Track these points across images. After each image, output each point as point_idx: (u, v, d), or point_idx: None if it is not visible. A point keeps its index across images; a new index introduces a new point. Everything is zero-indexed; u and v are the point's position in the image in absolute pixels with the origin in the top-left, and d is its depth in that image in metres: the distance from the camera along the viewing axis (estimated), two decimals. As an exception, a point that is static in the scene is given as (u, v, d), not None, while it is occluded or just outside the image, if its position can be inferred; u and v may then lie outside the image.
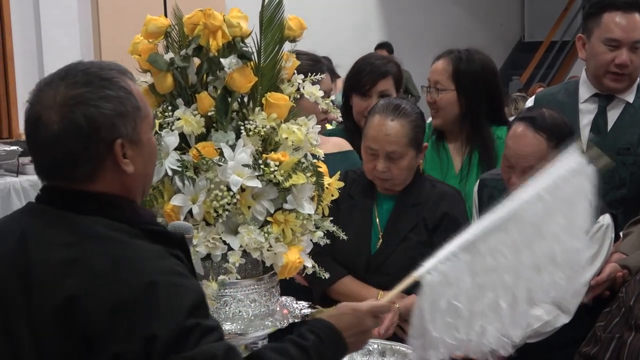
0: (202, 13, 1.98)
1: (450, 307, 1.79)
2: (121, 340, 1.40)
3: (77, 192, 1.53)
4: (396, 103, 2.57)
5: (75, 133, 1.49)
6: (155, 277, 1.43)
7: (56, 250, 1.48)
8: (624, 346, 2.29)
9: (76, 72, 1.55)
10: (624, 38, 2.74)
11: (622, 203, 2.70)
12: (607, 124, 2.84)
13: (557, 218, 1.84)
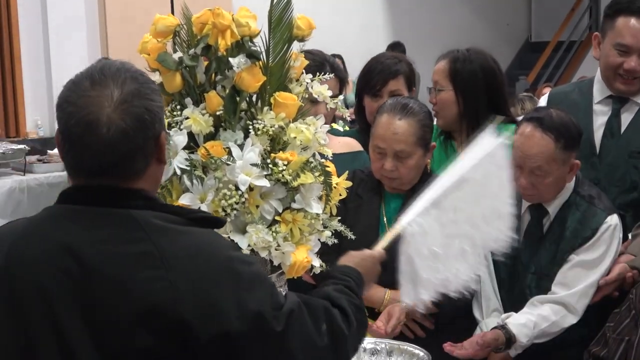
0: (211, 12, 1.98)
1: (431, 253, 2.00)
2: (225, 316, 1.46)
3: (125, 190, 1.53)
4: (404, 102, 2.57)
5: (140, 127, 1.50)
6: (229, 257, 1.54)
7: (120, 247, 1.47)
8: (632, 348, 2.29)
9: (116, 70, 1.54)
10: (634, 44, 2.71)
11: (631, 206, 2.69)
12: (621, 126, 2.82)
13: (494, 180, 2.09)
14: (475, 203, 2.09)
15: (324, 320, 1.59)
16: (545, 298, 2.47)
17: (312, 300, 1.62)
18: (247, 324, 1.46)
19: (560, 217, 2.53)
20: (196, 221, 1.57)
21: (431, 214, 2.04)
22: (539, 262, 2.54)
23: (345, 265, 1.88)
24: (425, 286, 2.02)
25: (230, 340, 1.46)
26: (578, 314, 2.45)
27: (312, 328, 1.56)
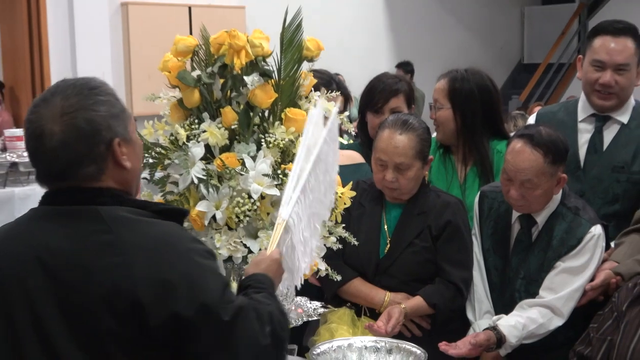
0: (227, 34, 1.99)
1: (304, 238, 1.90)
2: (176, 300, 1.47)
3: (90, 188, 1.58)
4: (404, 118, 2.58)
5: (79, 135, 1.54)
6: (186, 247, 1.55)
7: (87, 239, 1.53)
8: (614, 348, 2.29)
9: (66, 87, 1.60)
10: (608, 60, 2.73)
11: (614, 217, 2.69)
12: (603, 143, 2.82)
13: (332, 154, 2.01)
14: (321, 180, 2.00)
15: (269, 323, 1.57)
16: (534, 302, 2.47)
17: (259, 304, 1.60)
18: (196, 310, 1.47)
19: (548, 226, 2.53)
20: (161, 213, 1.60)
21: (301, 201, 1.92)
22: (528, 268, 2.54)
23: (259, 274, 1.79)
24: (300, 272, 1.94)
25: (180, 324, 1.48)
26: (564, 317, 2.45)
27: (258, 327, 1.54)
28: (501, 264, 2.60)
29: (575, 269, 2.47)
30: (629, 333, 2.28)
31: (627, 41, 2.75)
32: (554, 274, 2.49)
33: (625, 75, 2.75)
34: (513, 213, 2.58)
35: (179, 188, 1.99)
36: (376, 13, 9.98)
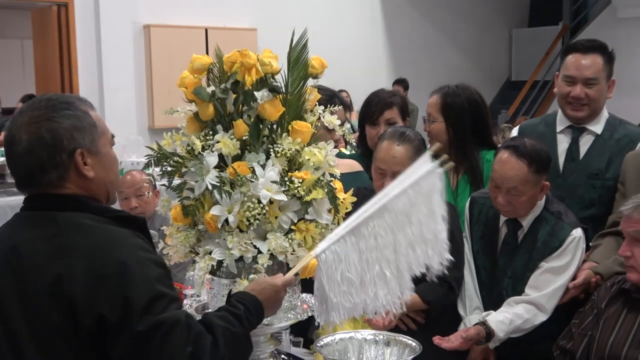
0: (239, 53, 1.99)
1: (344, 278, 1.87)
2: (103, 302, 1.46)
3: (53, 195, 1.59)
4: (402, 131, 2.58)
5: (41, 144, 1.56)
6: (125, 254, 1.51)
7: (43, 241, 1.54)
8: (593, 342, 2.28)
9: (41, 100, 1.62)
10: (577, 75, 2.75)
11: (591, 220, 2.69)
12: (580, 152, 2.83)
13: (421, 208, 1.95)
14: (399, 230, 1.93)
15: (192, 344, 1.49)
16: (520, 299, 2.47)
17: (194, 324, 1.54)
18: (117, 315, 1.46)
19: (532, 230, 2.53)
20: (116, 219, 1.60)
21: (347, 242, 1.89)
22: (515, 268, 2.54)
23: (244, 292, 1.77)
24: (336, 309, 1.89)
25: (104, 326, 1.46)
26: (548, 313, 2.44)
27: (176, 344, 1.48)
28: (490, 264, 2.60)
29: (557, 268, 2.47)
30: (608, 328, 2.27)
31: (595, 57, 2.77)
32: (539, 274, 2.48)
33: (594, 88, 2.77)
34: (500, 217, 2.58)
35: (194, 194, 1.99)
36: (376, 34, 10.00)
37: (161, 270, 1.57)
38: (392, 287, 1.94)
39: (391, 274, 1.93)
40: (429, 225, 1.96)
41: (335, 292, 1.87)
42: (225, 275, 2.00)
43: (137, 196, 3.75)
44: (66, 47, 7.51)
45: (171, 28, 7.94)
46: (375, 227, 1.91)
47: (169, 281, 1.58)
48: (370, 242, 1.90)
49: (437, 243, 1.99)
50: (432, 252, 1.97)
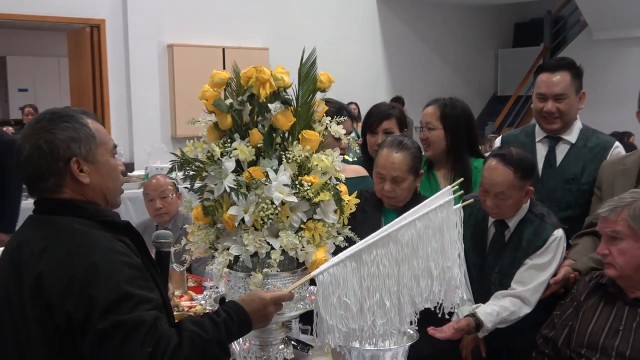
0: (255, 69, 1.99)
1: (341, 302, 1.76)
2: (70, 301, 1.43)
3: (51, 200, 1.58)
4: (400, 139, 2.58)
5: (40, 153, 1.56)
6: (98, 257, 1.48)
7: (36, 243, 1.54)
8: (573, 331, 2.27)
9: (45, 114, 1.62)
10: (547, 92, 2.76)
11: (568, 220, 2.68)
12: (557, 159, 2.83)
13: (430, 242, 1.85)
14: (403, 261, 1.82)
15: (152, 345, 1.42)
16: (506, 293, 2.46)
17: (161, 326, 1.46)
18: (82, 313, 1.42)
19: (518, 230, 2.52)
20: (101, 223, 1.58)
21: (347, 267, 1.77)
22: (502, 264, 2.53)
23: (233, 301, 1.71)
24: (332, 331, 1.77)
25: (72, 323, 1.43)
26: (532, 306, 2.43)
27: (136, 344, 1.41)
28: (479, 262, 2.59)
29: (541, 265, 2.46)
30: (586, 319, 2.26)
31: (564, 74, 2.77)
32: (523, 270, 2.47)
33: (564, 102, 2.77)
34: (489, 219, 2.57)
35: (214, 195, 1.99)
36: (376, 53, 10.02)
37: (134, 272, 1.50)
38: (391, 317, 1.82)
39: (391, 304, 1.81)
40: (437, 260, 1.86)
41: (332, 314, 1.77)
42: (241, 269, 2.00)
43: (162, 198, 3.75)
44: (98, 65, 7.54)
45: (192, 47, 7.96)
46: (379, 255, 1.81)
47: (143, 282, 1.51)
48: (372, 269, 1.80)
49: (444, 280, 1.87)
50: (440, 288, 1.86)
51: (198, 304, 2.80)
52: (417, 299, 1.85)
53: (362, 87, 9.13)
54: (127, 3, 7.53)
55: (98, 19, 7.44)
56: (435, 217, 1.86)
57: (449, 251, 1.88)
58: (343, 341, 1.80)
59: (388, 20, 10.03)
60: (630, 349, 2.12)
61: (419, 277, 1.84)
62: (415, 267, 1.84)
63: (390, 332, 1.82)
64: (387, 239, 1.82)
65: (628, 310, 2.18)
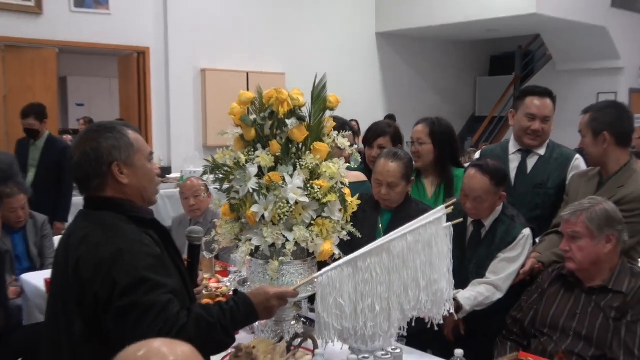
0: (275, 90, 2.00)
1: (337, 303, 1.72)
2: (97, 282, 1.43)
3: (96, 197, 1.58)
4: (395, 151, 2.58)
5: (87, 159, 1.56)
6: (123, 246, 1.46)
7: (79, 233, 1.53)
8: (538, 314, 2.26)
9: (93, 126, 1.63)
10: (538, 113, 2.75)
11: (537, 219, 2.68)
12: (527, 169, 2.82)
13: (419, 254, 1.79)
14: (394, 271, 1.75)
15: (162, 322, 1.40)
16: (482, 280, 2.45)
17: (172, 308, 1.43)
18: (106, 293, 1.42)
19: (492, 228, 2.51)
20: (132, 219, 1.56)
21: (344, 271, 1.72)
22: (478, 257, 2.52)
23: (243, 293, 1.67)
24: (327, 328, 1.71)
25: (98, 301, 1.42)
26: (503, 292, 2.42)
27: (148, 323, 1.39)
28: (459, 254, 2.56)
29: (511, 258, 2.45)
30: (549, 304, 2.25)
31: (548, 100, 2.77)
32: (497, 262, 2.47)
33: (548, 124, 2.78)
34: (468, 219, 2.56)
35: (239, 195, 1.99)
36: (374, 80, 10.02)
37: (153, 260, 1.47)
38: (379, 322, 1.75)
39: (381, 309, 1.75)
40: (425, 272, 1.79)
41: (328, 313, 1.72)
42: (261, 257, 2.00)
43: (195, 197, 3.76)
44: (143, 85, 7.56)
45: (221, 71, 7.98)
46: (373, 263, 1.75)
47: (161, 270, 1.48)
48: (366, 276, 1.74)
49: (431, 291, 1.79)
50: (427, 299, 1.78)
51: (224, 285, 2.80)
52: (406, 306, 1.79)
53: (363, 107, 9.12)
54: (168, 34, 7.55)
55: (144, 47, 7.46)
56: (425, 232, 1.81)
57: (437, 265, 1.81)
58: (338, 337, 1.75)
59: (385, 53, 10.03)
60: (585, 330, 2.11)
61: (407, 286, 1.78)
62: (404, 277, 1.77)
63: (378, 334, 1.76)
64: (381, 249, 1.77)
65: (584, 297, 2.17)
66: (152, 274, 1.44)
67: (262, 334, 2.05)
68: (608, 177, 2.52)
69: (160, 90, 7.62)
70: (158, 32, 7.52)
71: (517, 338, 2.31)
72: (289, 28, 8.68)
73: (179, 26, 7.57)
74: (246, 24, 8.23)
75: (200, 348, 1.02)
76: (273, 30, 8.50)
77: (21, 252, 3.74)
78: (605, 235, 2.13)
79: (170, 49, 7.58)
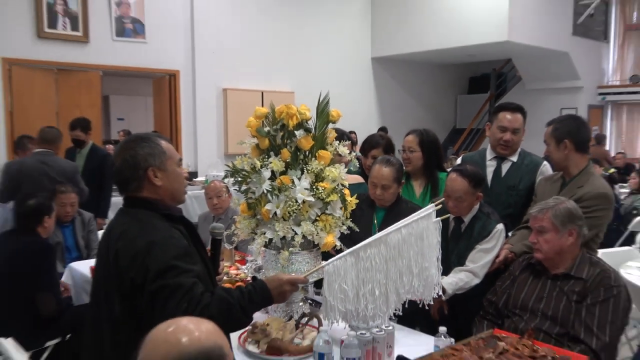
0: (285, 106, 2.00)
1: (341, 288, 1.71)
2: (133, 270, 1.42)
3: (133, 197, 1.57)
4: (388, 158, 2.57)
5: (126, 165, 1.55)
6: (156, 238, 1.45)
7: (119, 228, 1.52)
8: (510, 297, 2.25)
9: (131, 137, 1.62)
10: (509, 126, 2.73)
11: (509, 216, 2.66)
12: (502, 173, 2.80)
13: (412, 246, 1.77)
14: (390, 260, 1.73)
15: (187, 302, 1.39)
16: (462, 268, 2.43)
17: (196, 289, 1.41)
18: (141, 279, 1.41)
19: (471, 224, 2.50)
20: (164, 216, 1.55)
21: (348, 260, 1.71)
22: (459, 248, 2.50)
23: (260, 279, 1.65)
24: (333, 310, 1.70)
25: (134, 286, 1.42)
26: (480, 278, 2.41)
27: (175, 302, 1.38)
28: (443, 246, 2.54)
29: (487, 249, 2.44)
30: (520, 288, 2.24)
31: (518, 114, 2.76)
32: (475, 252, 2.45)
33: (518, 135, 2.76)
34: (450, 215, 2.55)
35: (255, 195, 1.99)
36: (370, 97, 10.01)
37: (181, 250, 1.46)
38: (378, 304, 1.74)
39: (380, 293, 1.74)
40: (417, 261, 1.78)
41: (334, 297, 1.71)
42: (274, 248, 2.00)
43: (217, 197, 3.76)
44: (174, 102, 7.58)
45: (240, 91, 7.99)
46: (372, 254, 1.73)
47: (187, 259, 1.46)
48: (366, 264, 1.73)
49: (422, 277, 1.78)
50: (419, 284, 1.77)
51: (242, 272, 2.80)
52: (401, 290, 1.78)
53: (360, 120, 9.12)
54: (195, 59, 7.57)
55: (174, 70, 7.48)
56: (417, 226, 1.79)
57: (427, 254, 1.79)
58: (342, 318, 1.73)
59: (379, 74, 10.03)
60: (551, 311, 2.10)
61: (402, 273, 1.77)
62: (400, 265, 1.76)
63: (378, 315, 1.75)
64: (379, 242, 1.76)
65: (550, 283, 2.16)
66: (180, 262, 1.43)
67: (274, 313, 2.05)
68: (569, 179, 2.51)
69: (188, 106, 7.65)
70: (186, 57, 7.55)
71: (492, 318, 2.29)
72: (298, 54, 8.70)
73: (204, 53, 7.59)
74: (261, 51, 8.26)
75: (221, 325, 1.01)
76: (284, 56, 8.54)
77: (71, 244, 3.76)
78: (567, 230, 2.12)
79: (197, 72, 7.60)
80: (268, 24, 8.32)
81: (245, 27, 8.07)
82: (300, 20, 8.71)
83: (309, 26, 8.82)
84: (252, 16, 8.15)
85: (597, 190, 2.40)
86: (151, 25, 7.15)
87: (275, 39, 8.43)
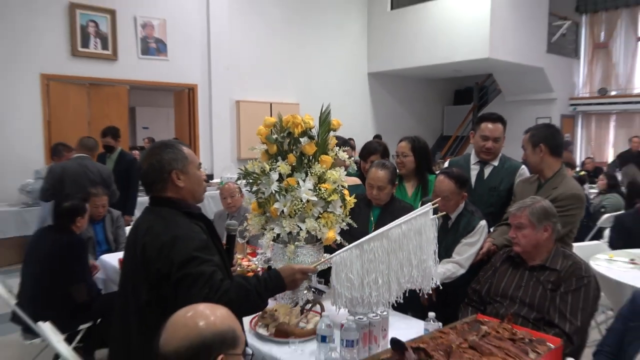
0: (291, 116, 2.00)
1: (347, 277, 1.71)
2: (159, 261, 1.41)
3: (158, 197, 1.56)
4: (383, 162, 2.56)
5: (152, 168, 1.54)
6: (179, 233, 1.44)
7: (145, 224, 1.51)
8: (492, 286, 2.24)
9: (156, 144, 1.61)
10: (490, 135, 2.72)
11: (491, 214, 2.65)
12: (484, 176, 2.79)
13: (412, 240, 1.75)
14: (392, 252, 1.72)
15: (208, 288, 1.38)
16: (449, 260, 2.42)
17: (216, 277, 1.40)
18: (166, 269, 1.40)
19: (457, 221, 2.49)
20: (185, 213, 1.54)
21: (353, 253, 1.70)
22: (446, 242, 2.49)
23: (274, 269, 1.63)
24: (340, 297, 1.70)
25: (161, 276, 1.41)
26: (466, 268, 2.40)
27: (197, 288, 1.38)
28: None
29: (471, 243, 2.43)
30: (500, 278, 2.23)
31: (499, 124, 2.75)
32: (460, 246, 2.44)
33: (498, 143, 2.74)
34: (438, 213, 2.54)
35: (265, 195, 1.99)
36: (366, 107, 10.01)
37: (201, 243, 1.45)
38: (382, 292, 1.74)
39: (383, 282, 1.73)
40: (416, 254, 1.77)
41: (341, 285, 1.71)
42: (281, 242, 2.00)
43: (231, 197, 3.76)
44: (192, 113, 7.59)
45: (251, 102, 8.00)
46: (375, 247, 1.72)
47: (207, 250, 1.45)
48: (370, 256, 1.72)
49: (421, 268, 1.76)
50: (417, 274, 1.76)
51: (253, 263, 2.79)
52: (401, 280, 1.77)
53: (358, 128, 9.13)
54: (211, 74, 7.59)
55: (193, 84, 7.50)
56: (416, 222, 1.78)
57: (425, 248, 1.79)
58: (348, 305, 1.73)
59: (374, 87, 10.03)
60: (528, 298, 2.09)
61: (403, 264, 1.76)
62: (400, 257, 1.75)
63: (381, 302, 1.75)
64: (382, 236, 1.75)
65: (527, 273, 2.15)
66: (200, 253, 1.43)
67: (282, 300, 2.05)
68: (545, 181, 2.51)
69: (205, 116, 7.66)
70: (203, 73, 7.56)
71: (476, 304, 2.29)
72: (302, 70, 8.71)
73: (219, 69, 7.60)
74: (269, 67, 8.27)
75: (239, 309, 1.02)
76: (290, 71, 8.55)
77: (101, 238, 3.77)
78: (543, 226, 2.11)
79: (213, 86, 7.61)
80: (276, 43, 8.35)
81: (255, 46, 8.09)
82: (304, 40, 8.73)
83: (312, 45, 8.85)
84: (262, 36, 8.17)
85: (570, 191, 2.39)
86: (172, 45, 7.18)
87: (283, 56, 8.46)
